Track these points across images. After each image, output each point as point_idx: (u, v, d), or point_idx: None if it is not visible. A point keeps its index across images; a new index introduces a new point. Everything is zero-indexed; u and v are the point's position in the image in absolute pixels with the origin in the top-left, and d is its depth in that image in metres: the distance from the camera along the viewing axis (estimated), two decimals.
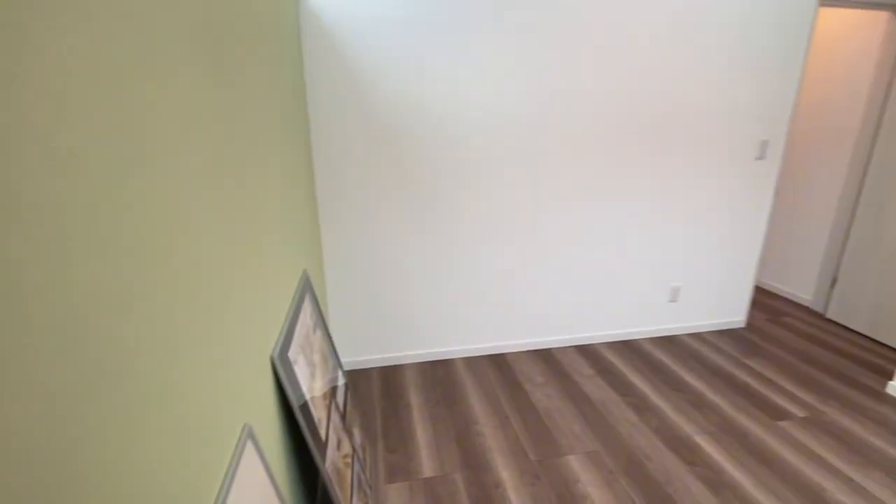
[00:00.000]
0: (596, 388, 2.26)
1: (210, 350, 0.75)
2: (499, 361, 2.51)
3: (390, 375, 2.37)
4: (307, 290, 1.48)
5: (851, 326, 2.92)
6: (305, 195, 1.81)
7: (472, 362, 2.49)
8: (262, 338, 1.02)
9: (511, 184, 2.31)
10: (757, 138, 2.53)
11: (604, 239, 2.53)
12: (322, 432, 1.19)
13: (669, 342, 2.74)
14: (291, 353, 1.14)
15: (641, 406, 2.11)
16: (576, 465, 1.75)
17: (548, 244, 2.46)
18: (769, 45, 2.36)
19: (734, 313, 2.91)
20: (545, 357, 2.56)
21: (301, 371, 1.18)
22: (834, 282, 3.03)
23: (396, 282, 2.34)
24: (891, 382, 2.24)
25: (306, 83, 1.98)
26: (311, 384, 1.24)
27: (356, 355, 2.43)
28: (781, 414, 2.06)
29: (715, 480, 1.67)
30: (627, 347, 2.67)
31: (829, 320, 3.06)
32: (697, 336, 2.81)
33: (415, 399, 2.17)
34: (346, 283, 2.29)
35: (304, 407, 1.12)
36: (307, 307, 1.42)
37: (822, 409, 2.10)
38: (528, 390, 2.24)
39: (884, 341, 2.73)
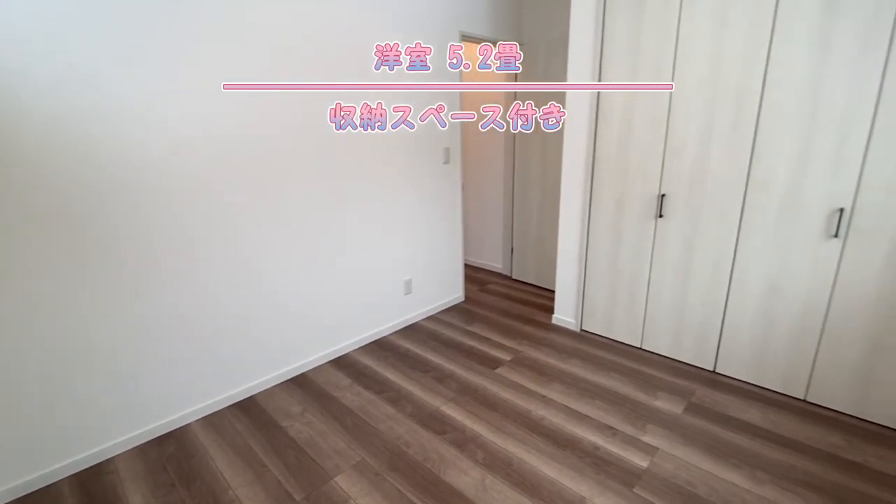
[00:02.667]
0: (355, 396, 2.28)
1: None
2: (247, 406, 2.21)
3: (93, 479, 1.76)
4: None
5: (527, 280, 3.91)
6: None
7: (212, 420, 2.12)
8: None
9: (230, 205, 2.04)
10: (442, 146, 3.04)
11: (341, 250, 2.56)
12: None
13: (412, 330, 3.02)
14: None
15: (396, 397, 2.25)
16: (345, 482, 1.71)
17: (288, 264, 2.31)
18: (437, 72, 2.86)
19: (455, 291, 3.46)
20: (301, 382, 2.41)
21: None
22: (512, 250, 3.99)
23: (72, 353, 1.74)
24: (554, 315, 3.11)
25: None
26: None
27: (32, 471, 1.70)
28: (497, 363, 2.57)
29: (461, 439, 1.94)
30: (378, 346, 2.81)
31: (515, 279, 4.02)
32: (432, 318, 3.21)
33: (137, 496, 1.68)
34: None
35: None
36: None
37: (520, 349, 2.73)
38: (286, 426, 2.06)
39: (546, 286, 3.77)
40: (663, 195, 2.40)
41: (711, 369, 2.43)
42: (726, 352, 2.35)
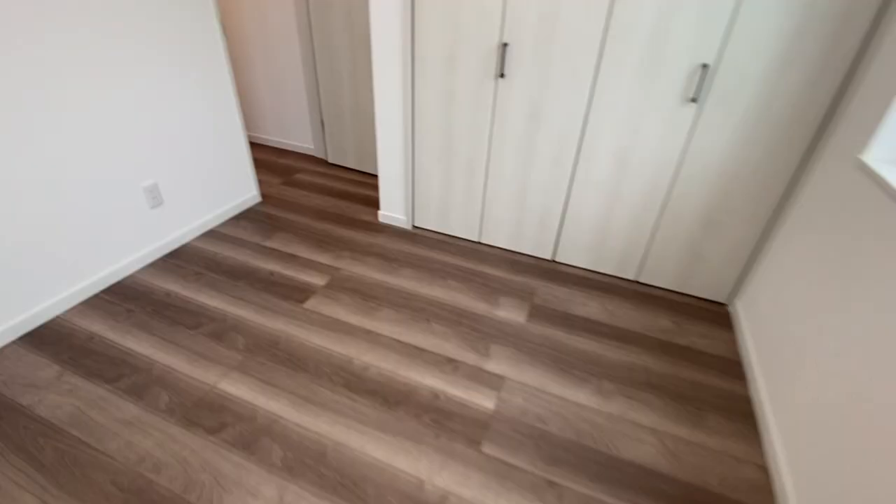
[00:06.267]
0: (64, 395, 1.41)
1: None
2: None
3: None
4: None
5: (347, 165, 3.12)
6: None
7: None
8: None
9: None
10: None
11: (39, 153, 1.35)
12: None
13: (177, 257, 2.08)
14: None
15: (144, 382, 1.46)
16: None
17: None
18: None
19: (244, 190, 2.50)
20: None
21: None
22: (323, 125, 3.06)
23: None
24: (380, 211, 2.49)
25: None
26: None
27: None
28: (307, 292, 1.91)
29: (249, 433, 1.32)
30: (118, 293, 1.84)
31: (332, 164, 3.18)
32: (211, 234, 2.28)
33: None
34: None
35: None
36: None
37: (338, 265, 2.09)
38: None
39: (371, 171, 3.05)
40: (505, 45, 1.76)
41: (550, 258, 2.21)
42: (567, 238, 2.11)
